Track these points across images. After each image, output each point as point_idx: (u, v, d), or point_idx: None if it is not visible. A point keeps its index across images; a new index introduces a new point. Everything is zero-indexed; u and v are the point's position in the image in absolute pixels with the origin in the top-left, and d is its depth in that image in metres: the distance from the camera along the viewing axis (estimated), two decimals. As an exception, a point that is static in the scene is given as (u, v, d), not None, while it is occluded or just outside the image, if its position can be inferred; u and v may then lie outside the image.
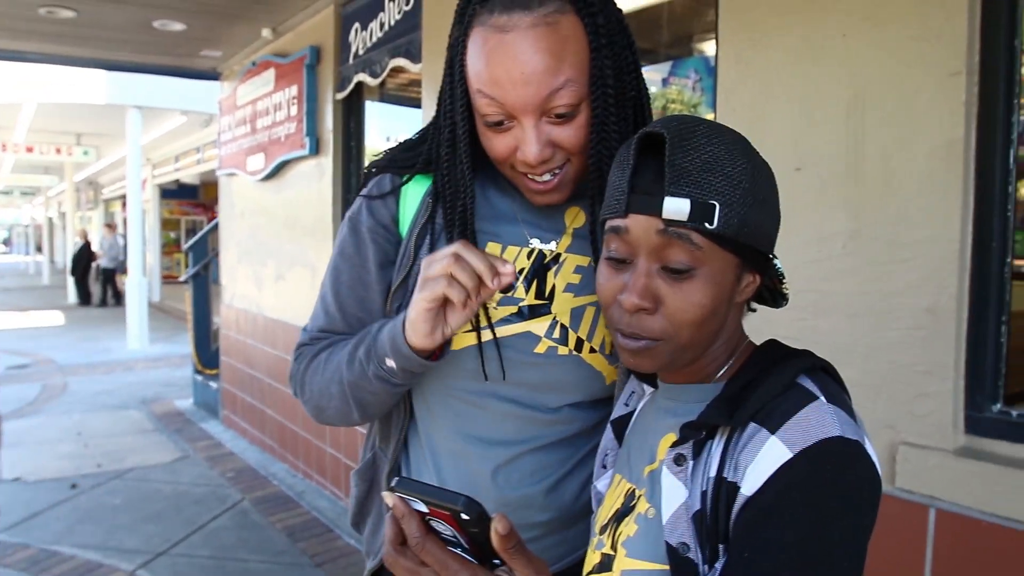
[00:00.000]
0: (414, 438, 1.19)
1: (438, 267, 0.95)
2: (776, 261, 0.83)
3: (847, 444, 0.72)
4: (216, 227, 6.54)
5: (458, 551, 0.74)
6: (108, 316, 14.61)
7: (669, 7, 3.19)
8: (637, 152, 0.77)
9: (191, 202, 20.72)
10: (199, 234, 7.16)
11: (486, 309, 1.07)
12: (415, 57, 3.61)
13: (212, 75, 6.25)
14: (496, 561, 0.73)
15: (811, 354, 0.81)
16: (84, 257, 17.29)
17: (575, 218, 1.10)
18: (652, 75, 3.67)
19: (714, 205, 0.74)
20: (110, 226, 18.56)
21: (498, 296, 1.07)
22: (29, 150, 16.44)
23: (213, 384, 6.59)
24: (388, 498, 0.74)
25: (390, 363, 1.03)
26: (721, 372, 0.83)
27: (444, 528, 0.73)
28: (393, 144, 1.22)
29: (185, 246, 7.53)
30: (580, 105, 0.97)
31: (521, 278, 1.08)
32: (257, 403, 5.57)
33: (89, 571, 3.61)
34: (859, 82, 1.84)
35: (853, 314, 1.86)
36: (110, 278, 17.22)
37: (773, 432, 0.72)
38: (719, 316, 0.79)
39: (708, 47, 2.86)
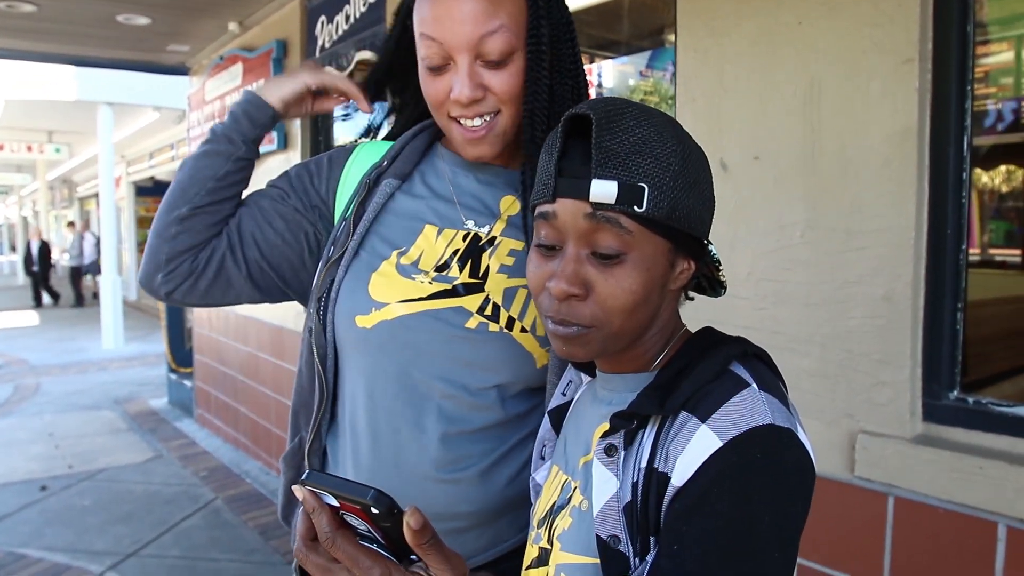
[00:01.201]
0: (335, 423, 1.19)
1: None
2: (711, 247, 0.81)
3: (778, 432, 0.70)
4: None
5: (373, 547, 0.72)
6: (83, 316, 14.44)
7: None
8: (564, 135, 0.76)
9: (167, 199, 20.52)
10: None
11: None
12: (380, 50, 3.58)
13: (181, 70, 6.17)
14: (413, 556, 0.71)
15: (744, 340, 0.79)
16: (44, 257, 16.70)
17: (510, 206, 1.14)
18: (628, 67, 3.67)
19: (643, 188, 0.72)
20: (72, 224, 18.28)
21: (433, 274, 1.10)
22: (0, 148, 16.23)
23: (187, 382, 6.53)
24: (298, 492, 0.71)
25: (225, 117, 1.21)
26: (657, 361, 0.82)
27: (359, 523, 0.71)
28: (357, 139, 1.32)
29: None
30: (513, 55, 1.04)
31: (456, 258, 1.11)
32: (230, 401, 5.52)
33: (57, 574, 3.57)
34: (815, 69, 1.83)
35: (811, 303, 1.86)
36: (75, 278, 16.70)
37: (703, 421, 0.71)
38: (651, 303, 0.77)
39: (672, 37, 2.84)
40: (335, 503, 0.70)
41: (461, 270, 1.11)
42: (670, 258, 0.77)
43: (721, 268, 0.84)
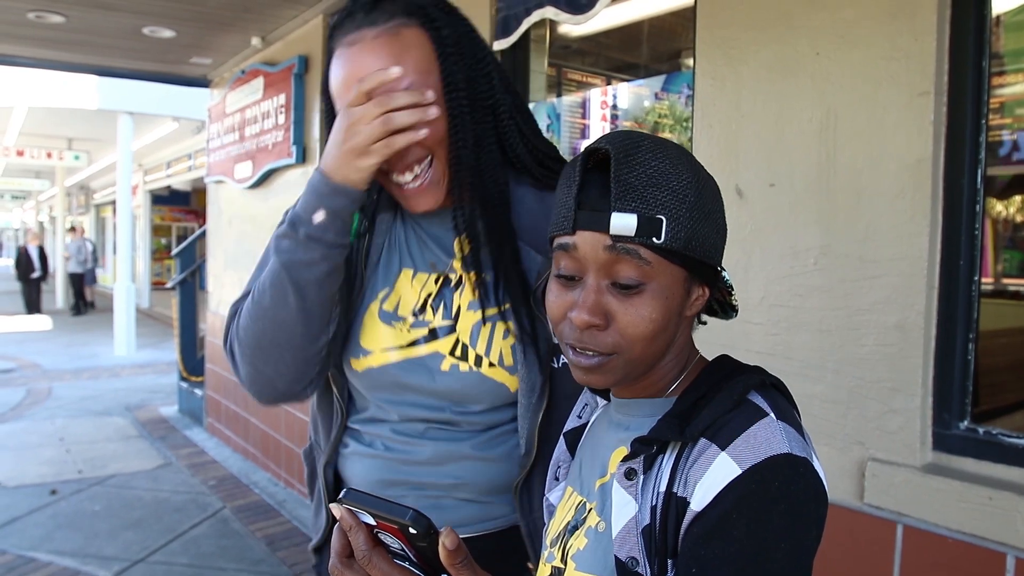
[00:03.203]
0: (352, 430, 1.27)
1: (379, 122, 1.02)
2: (724, 273, 0.84)
3: (795, 461, 0.72)
4: (204, 234, 6.52)
5: (406, 564, 0.74)
6: (96, 322, 14.53)
7: (661, 23, 3.22)
8: (583, 169, 0.78)
9: (182, 208, 20.67)
10: (187, 240, 7.14)
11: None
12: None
13: (202, 82, 6.25)
14: (444, 575, 0.73)
15: (761, 370, 0.81)
16: (43, 263, 16.21)
17: (463, 246, 1.16)
18: (644, 90, 3.70)
19: (661, 219, 0.74)
20: (74, 229, 17.73)
21: (411, 320, 1.17)
22: (20, 154, 16.37)
23: (198, 391, 6.56)
24: (336, 510, 0.74)
25: (319, 216, 1.06)
26: (673, 387, 0.84)
27: (392, 541, 0.73)
28: None
29: (174, 252, 7.51)
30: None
31: (429, 301, 1.18)
32: (241, 411, 5.55)
33: (66, 578, 3.59)
34: (831, 100, 1.86)
35: (824, 330, 1.88)
36: (78, 284, 16.22)
37: (723, 448, 0.73)
38: (670, 330, 0.79)
39: (689, 63, 2.87)
40: (371, 521, 0.72)
41: (435, 312, 1.17)
42: (686, 286, 0.79)
43: (733, 292, 0.87)
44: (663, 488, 0.76)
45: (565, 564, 0.85)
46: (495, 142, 1.13)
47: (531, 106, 3.18)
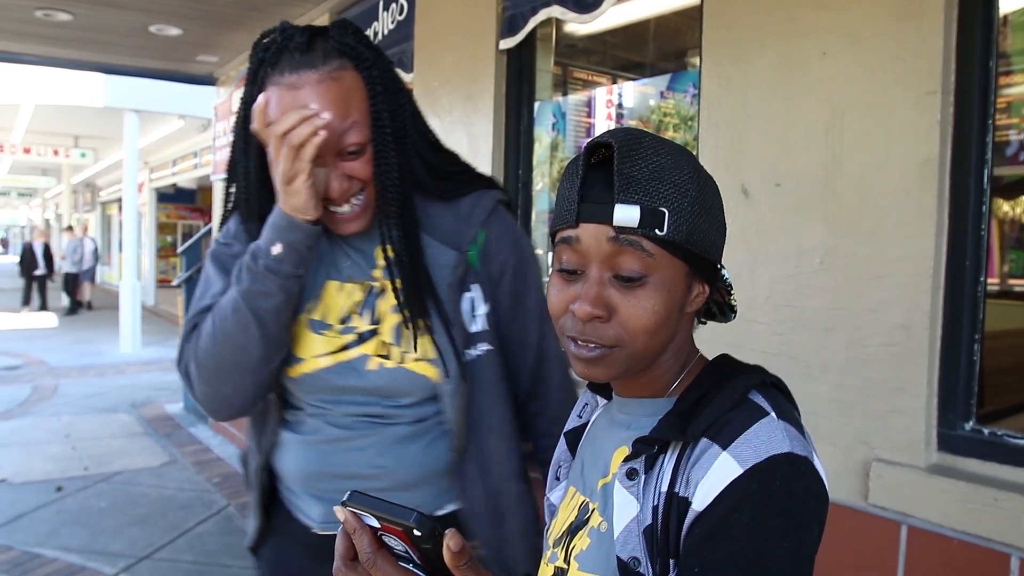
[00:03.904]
0: (289, 424, 1.34)
1: (285, 148, 1.11)
2: (724, 271, 0.84)
3: (796, 460, 0.72)
4: (210, 232, 6.54)
5: (409, 567, 0.74)
6: (101, 319, 14.57)
7: (667, 22, 3.21)
8: (586, 164, 0.78)
9: (188, 206, 20.72)
10: (193, 238, 7.16)
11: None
12: (407, 67, 3.63)
13: (208, 80, 6.26)
14: None
15: (762, 369, 0.81)
16: (47, 260, 16.05)
17: (379, 254, 1.27)
18: (648, 89, 3.70)
19: (663, 212, 0.74)
20: (71, 228, 17.60)
21: (339, 327, 1.26)
22: (27, 151, 16.45)
23: (203, 388, 6.57)
24: (339, 513, 0.74)
25: (277, 249, 1.15)
26: (673, 386, 0.84)
27: (396, 543, 0.73)
28: None
29: (179, 250, 7.53)
30: (366, 144, 1.17)
31: (356, 308, 1.27)
32: (246, 408, 5.56)
33: (72, 574, 3.60)
34: (837, 100, 1.85)
35: (829, 329, 1.87)
36: (72, 284, 16.01)
37: (724, 448, 0.73)
38: (671, 324, 0.79)
39: (695, 62, 2.87)
40: (375, 524, 0.72)
41: (361, 318, 1.27)
42: (688, 281, 0.79)
43: (732, 292, 0.87)
44: (665, 488, 0.76)
45: (568, 564, 0.85)
46: (410, 165, 1.25)
47: (536, 105, 3.18)
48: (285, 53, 1.15)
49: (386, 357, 1.26)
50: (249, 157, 1.24)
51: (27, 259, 16.00)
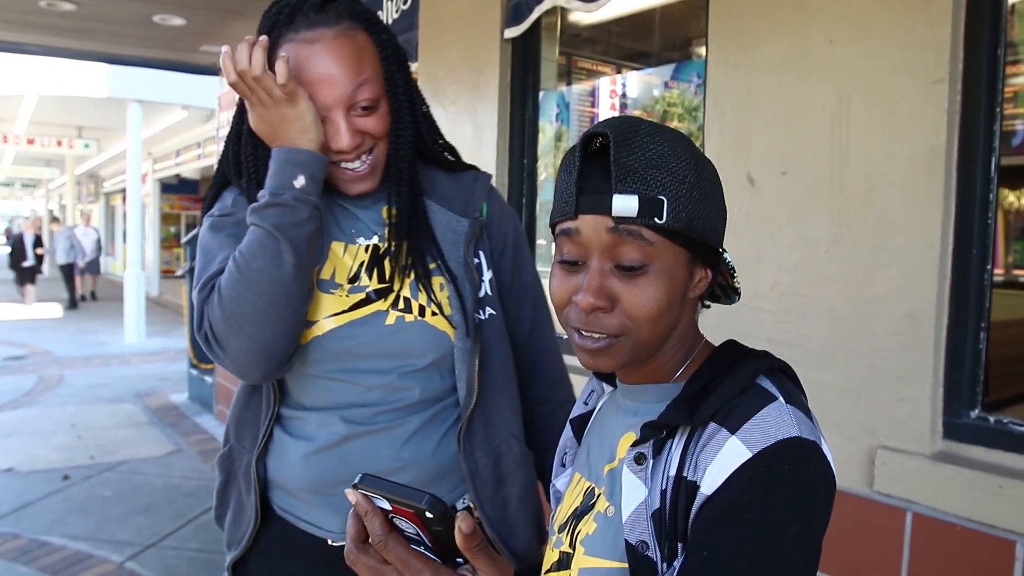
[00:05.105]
0: (285, 421, 1.30)
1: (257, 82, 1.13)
2: (726, 255, 0.84)
3: (804, 444, 0.73)
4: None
5: (421, 549, 0.75)
6: (105, 310, 14.61)
7: (672, 11, 3.20)
8: (583, 155, 0.78)
9: (191, 197, 20.73)
10: (196, 228, 7.17)
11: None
12: (412, 56, 3.62)
13: (212, 70, 6.25)
14: (459, 560, 0.74)
15: (769, 355, 0.82)
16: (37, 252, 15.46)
17: (391, 216, 1.28)
18: (653, 78, 3.69)
19: (662, 200, 0.75)
20: (56, 220, 17.24)
21: (347, 286, 1.26)
22: (30, 142, 16.45)
23: (208, 378, 6.60)
24: (351, 495, 0.74)
25: (300, 181, 1.16)
26: (679, 371, 0.84)
27: (407, 526, 0.74)
28: None
29: (183, 240, 7.54)
30: (379, 100, 1.21)
31: (363, 269, 1.27)
32: (251, 398, 5.57)
33: (78, 562, 3.62)
34: (844, 88, 1.85)
35: (835, 318, 1.88)
36: (68, 276, 15.45)
37: (733, 432, 0.73)
38: (674, 311, 0.79)
39: (700, 51, 2.85)
40: (387, 506, 0.72)
41: (370, 278, 1.27)
42: (689, 267, 0.79)
43: (736, 275, 0.87)
44: (673, 472, 0.76)
45: (574, 549, 0.86)
46: (422, 132, 1.31)
47: (541, 95, 3.18)
48: (299, 13, 1.18)
49: (406, 311, 1.26)
50: (243, 122, 1.25)
51: (16, 250, 15.48)
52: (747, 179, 2.05)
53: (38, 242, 15.72)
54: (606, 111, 3.72)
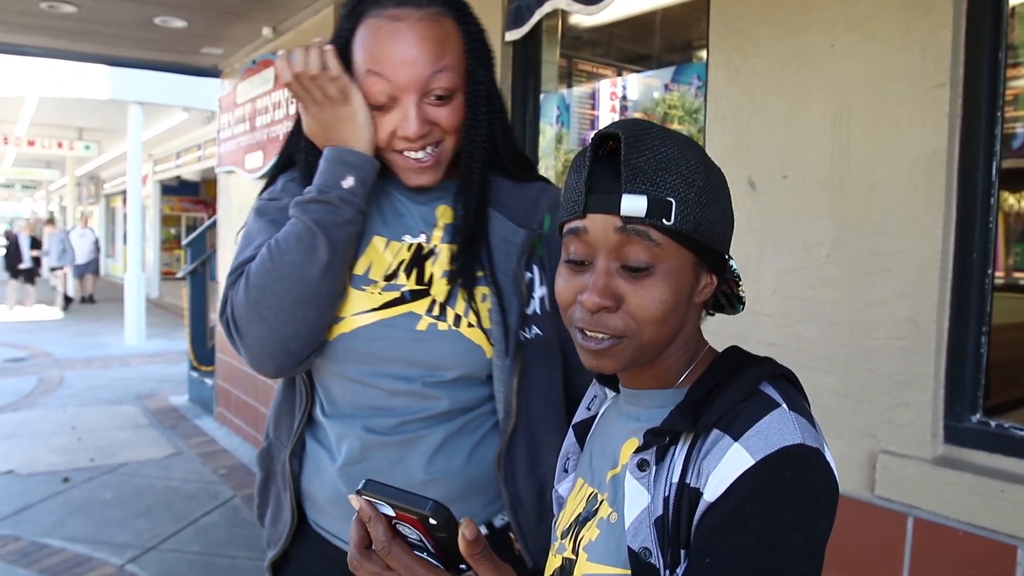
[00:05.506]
0: (314, 427, 1.26)
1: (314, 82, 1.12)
2: (732, 262, 0.84)
3: (807, 451, 0.73)
4: (215, 224, 6.55)
5: (424, 555, 0.75)
6: (106, 311, 14.60)
7: (672, 13, 3.20)
8: (593, 155, 0.78)
9: (192, 198, 20.74)
10: (198, 231, 7.17)
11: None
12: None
13: (213, 72, 6.25)
14: (462, 566, 0.74)
15: (772, 361, 0.82)
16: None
17: (443, 213, 1.24)
18: (654, 81, 3.69)
19: (670, 202, 0.75)
20: (51, 222, 16.87)
21: (382, 283, 1.20)
22: (31, 144, 16.44)
23: (208, 381, 6.60)
24: (354, 501, 0.74)
25: (349, 182, 1.13)
26: (682, 377, 0.84)
27: (410, 532, 0.74)
28: None
29: (184, 242, 7.54)
30: (455, 92, 1.16)
31: (402, 267, 1.21)
32: (251, 400, 5.58)
33: (78, 564, 3.62)
34: (845, 92, 1.85)
35: (836, 322, 1.87)
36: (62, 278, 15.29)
37: (736, 439, 0.73)
38: (679, 314, 0.79)
39: (701, 54, 2.85)
40: (390, 512, 0.72)
41: (408, 278, 1.20)
42: (695, 271, 0.79)
43: (740, 283, 0.87)
44: (676, 479, 0.76)
45: (576, 555, 0.86)
46: (497, 136, 1.24)
47: (542, 97, 3.18)
48: None
49: (440, 318, 1.18)
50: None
51: (11, 252, 15.11)
52: (748, 183, 2.05)
53: (35, 243, 15.41)
54: (606, 113, 3.72)
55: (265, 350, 1.15)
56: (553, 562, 0.90)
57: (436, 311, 1.18)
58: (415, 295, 1.19)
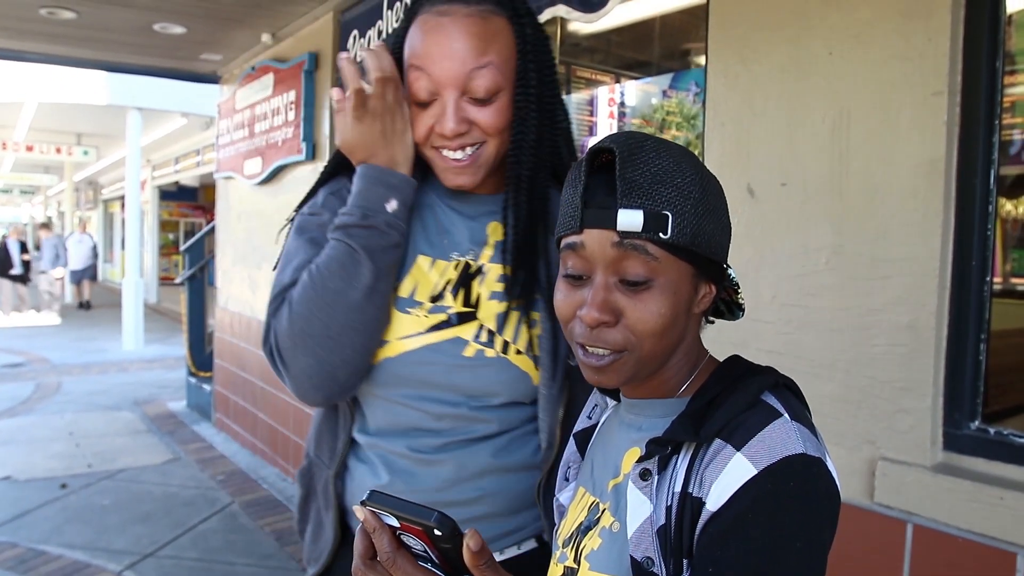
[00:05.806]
0: (356, 446, 1.23)
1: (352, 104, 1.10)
2: (730, 270, 0.84)
3: (809, 461, 0.73)
4: (213, 230, 6.55)
5: (428, 566, 0.75)
6: (104, 317, 14.58)
7: (671, 20, 3.21)
8: (588, 170, 0.79)
9: (190, 204, 20.74)
10: (196, 236, 7.17)
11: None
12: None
13: (212, 78, 6.26)
14: None
15: (774, 371, 0.82)
16: (24, 261, 14.80)
17: (494, 231, 1.19)
18: (652, 87, 3.70)
19: (667, 215, 0.75)
20: (45, 227, 16.57)
21: (428, 305, 1.16)
22: (29, 149, 16.44)
23: (206, 386, 6.59)
24: (359, 512, 0.74)
25: (392, 206, 1.11)
26: (684, 387, 0.84)
27: (415, 543, 0.74)
28: None
29: (182, 248, 7.54)
30: (499, 93, 1.11)
31: (449, 288, 1.17)
32: (249, 406, 5.57)
33: (76, 571, 3.61)
34: (843, 99, 1.85)
35: (835, 329, 1.88)
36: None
37: (738, 449, 0.73)
38: (679, 326, 0.80)
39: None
40: (395, 523, 0.72)
41: (455, 299, 1.16)
42: (694, 282, 0.79)
43: (740, 291, 0.87)
44: (678, 488, 0.76)
45: (578, 564, 0.86)
46: (549, 144, 1.17)
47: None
48: None
49: (488, 345, 1.15)
50: None
51: (1, 259, 14.76)
52: (747, 190, 2.05)
53: (23, 248, 15.14)
54: (604, 119, 3.73)
55: (312, 381, 1.12)
56: (555, 571, 0.91)
57: (484, 337, 1.15)
58: (461, 318, 1.15)
